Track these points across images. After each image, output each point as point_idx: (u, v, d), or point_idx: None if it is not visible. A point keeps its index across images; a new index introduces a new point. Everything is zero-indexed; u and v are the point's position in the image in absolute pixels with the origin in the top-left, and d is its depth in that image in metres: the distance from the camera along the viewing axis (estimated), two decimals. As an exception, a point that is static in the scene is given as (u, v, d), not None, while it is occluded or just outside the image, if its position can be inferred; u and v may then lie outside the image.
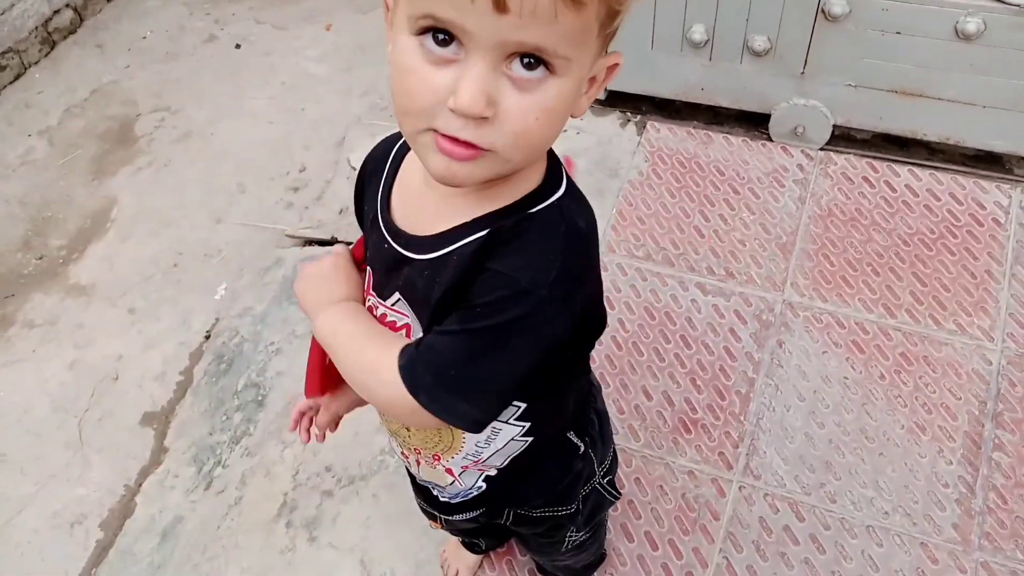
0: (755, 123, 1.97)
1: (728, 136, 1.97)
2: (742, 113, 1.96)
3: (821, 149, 1.92)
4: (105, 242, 2.30)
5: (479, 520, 1.01)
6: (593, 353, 1.62)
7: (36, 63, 2.96)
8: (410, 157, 0.76)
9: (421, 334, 0.74)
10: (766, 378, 1.58)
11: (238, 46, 2.79)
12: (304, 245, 2.13)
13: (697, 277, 1.72)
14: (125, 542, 1.64)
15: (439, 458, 0.87)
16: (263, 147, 2.39)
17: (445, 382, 0.67)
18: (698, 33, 1.81)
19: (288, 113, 2.49)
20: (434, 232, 0.70)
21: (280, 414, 1.74)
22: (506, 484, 0.90)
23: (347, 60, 2.62)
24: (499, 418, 0.79)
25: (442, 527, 1.11)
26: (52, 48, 3.01)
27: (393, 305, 0.77)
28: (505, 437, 0.83)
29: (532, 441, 0.84)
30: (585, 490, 0.99)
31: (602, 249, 1.79)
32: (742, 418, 1.54)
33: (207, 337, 1.98)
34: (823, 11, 1.71)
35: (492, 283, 0.65)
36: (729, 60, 1.84)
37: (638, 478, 1.48)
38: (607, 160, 1.96)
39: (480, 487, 0.91)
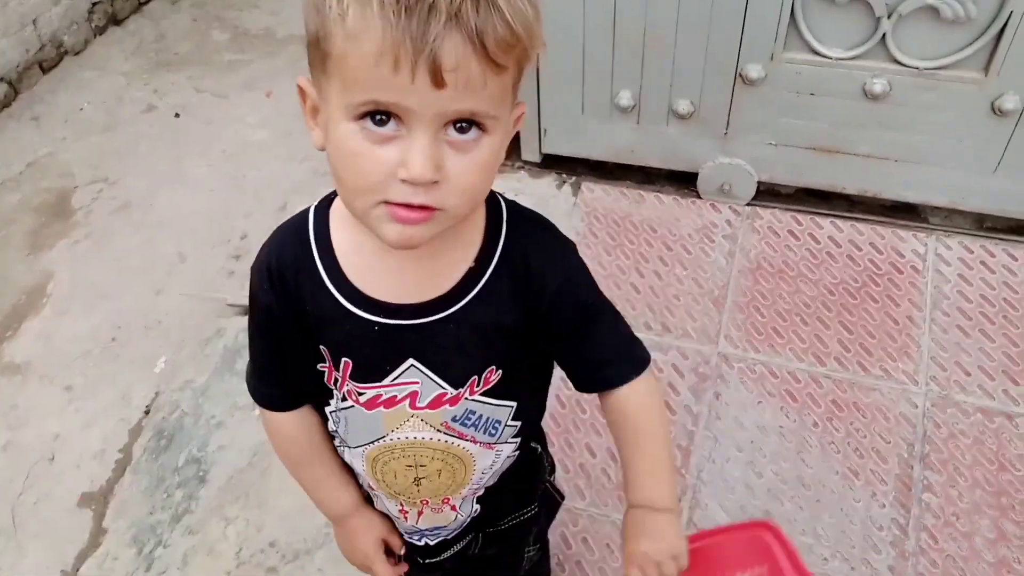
0: (684, 181, 2.05)
1: (659, 195, 2.04)
2: (672, 172, 2.04)
3: (748, 204, 2.00)
4: (41, 318, 2.26)
5: (447, 564, 1.04)
6: (537, 413, 1.65)
7: (-31, 137, 2.92)
8: (343, 238, 0.78)
9: (436, 392, 0.81)
10: (705, 430, 1.62)
11: (177, 115, 2.80)
12: (246, 314, 2.12)
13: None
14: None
15: (448, 500, 0.92)
16: (203, 216, 2.39)
17: (630, 351, 0.86)
18: (625, 99, 1.89)
19: (229, 180, 2.50)
20: (441, 290, 0.77)
21: (222, 489, 1.71)
22: (493, 499, 0.96)
23: (287, 126, 2.65)
24: (501, 439, 0.88)
25: None
26: (-14, 121, 2.98)
27: (396, 379, 0.80)
28: (504, 454, 0.91)
29: (519, 450, 0.93)
30: (540, 488, 1.06)
31: (542, 309, 1.82)
32: (683, 471, 1.56)
33: (147, 412, 1.95)
34: (741, 75, 1.80)
35: (558, 279, 0.80)
36: (656, 123, 1.92)
37: (585, 537, 1.49)
38: (544, 221, 2.01)
39: (476, 510, 0.96)
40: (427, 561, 1.02)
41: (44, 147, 2.87)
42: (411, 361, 0.79)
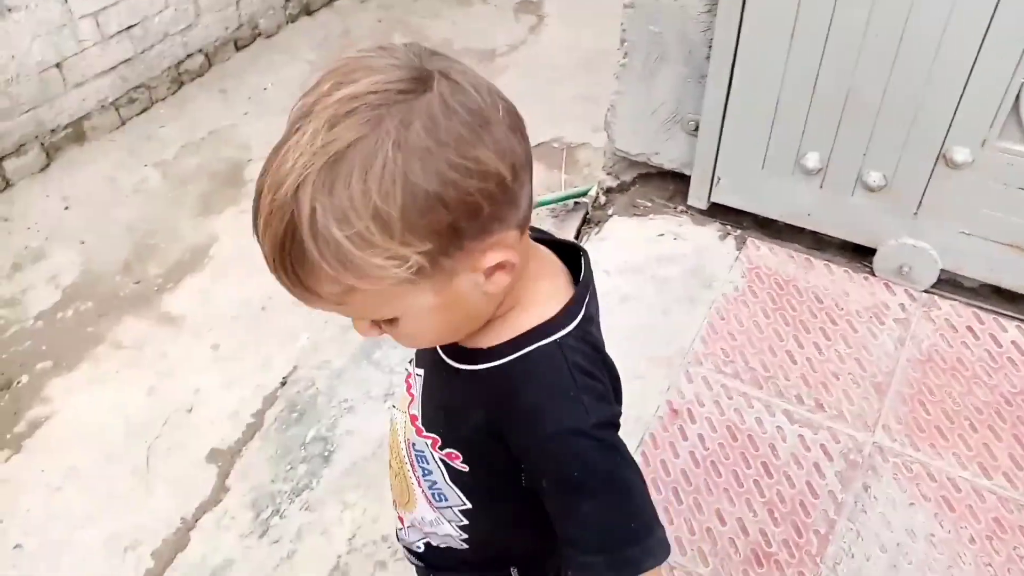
0: (859, 254, 1.95)
1: (830, 264, 1.95)
2: (846, 243, 1.95)
3: (925, 291, 1.88)
4: (201, 276, 2.38)
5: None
6: (670, 466, 1.59)
7: (163, 100, 3.15)
8: None
9: (415, 411, 0.83)
10: (848, 522, 1.51)
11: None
12: (389, 308, 2.15)
13: (785, 404, 1.68)
14: (173, 577, 1.64)
15: (396, 504, 0.94)
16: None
17: (612, 547, 0.71)
18: (812, 160, 1.82)
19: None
20: (468, 342, 0.75)
21: (345, 473, 1.73)
22: (439, 560, 0.92)
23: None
24: (444, 516, 0.85)
25: None
26: (179, 88, 3.20)
27: (413, 374, 0.85)
28: (445, 530, 0.87)
29: (469, 549, 0.88)
30: None
31: (688, 360, 1.77)
32: (818, 560, 1.46)
33: (283, 384, 2.01)
34: (945, 157, 1.70)
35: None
36: (841, 191, 1.84)
37: (704, 606, 1.42)
38: (702, 271, 1.95)
39: (419, 547, 0.93)
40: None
41: (227, 119, 3.06)
42: (422, 371, 0.83)
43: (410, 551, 0.96)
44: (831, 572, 1.45)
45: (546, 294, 0.74)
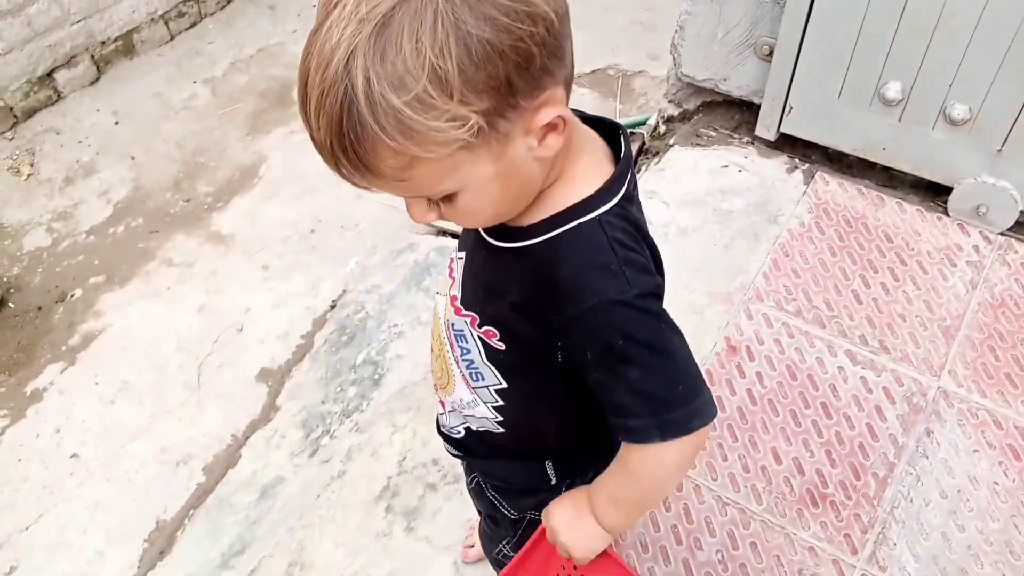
0: (933, 193, 1.85)
1: (902, 202, 1.86)
2: (920, 180, 1.85)
3: (1001, 234, 1.78)
4: (250, 197, 2.36)
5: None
6: (726, 403, 1.56)
7: (212, 15, 3.09)
8: None
9: (455, 292, 0.84)
10: (908, 466, 1.47)
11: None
12: (438, 235, 2.12)
13: (848, 344, 1.62)
14: (225, 491, 1.66)
15: (438, 389, 0.94)
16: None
17: (660, 410, 0.72)
18: (893, 90, 1.71)
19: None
20: (516, 221, 0.75)
21: (395, 396, 1.73)
22: (477, 446, 0.94)
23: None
24: (480, 397, 0.86)
25: None
26: (229, 3, 3.13)
27: (457, 259, 0.86)
28: (481, 412, 0.88)
29: (505, 434, 0.89)
30: (534, 515, 0.99)
31: (748, 296, 1.71)
32: (876, 503, 1.43)
33: (332, 306, 2.00)
34: (1038, 89, 1.59)
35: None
36: (921, 123, 1.74)
37: (754, 543, 1.40)
38: (768, 204, 1.88)
39: (459, 432, 0.94)
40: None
41: (276, 36, 2.99)
42: (464, 254, 0.84)
43: (451, 440, 0.98)
44: (888, 515, 1.42)
45: (587, 171, 0.73)
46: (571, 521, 0.86)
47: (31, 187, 2.40)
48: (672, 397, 0.73)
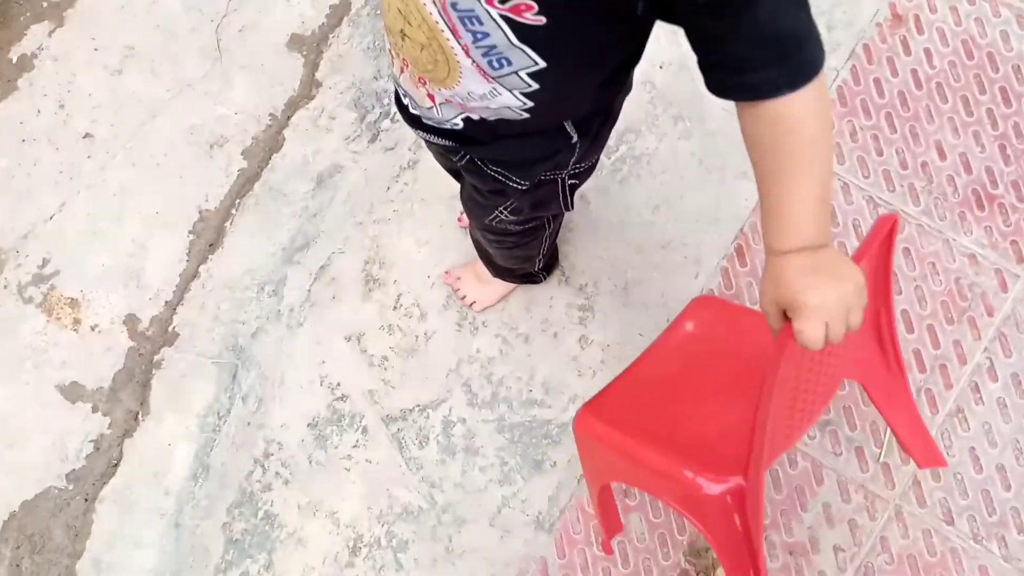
0: None
1: None
2: None
3: None
4: None
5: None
6: (885, 87, 1.28)
7: None
8: None
9: None
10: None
11: None
12: None
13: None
14: (273, 179, 1.44)
15: (424, 82, 0.80)
16: None
17: (787, 57, 0.62)
18: None
19: None
20: None
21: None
22: (481, 133, 0.83)
23: None
24: (504, 85, 0.73)
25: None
26: None
27: None
28: (503, 101, 0.75)
29: (529, 118, 0.78)
30: (546, 176, 0.89)
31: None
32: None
33: (372, -43, 1.61)
34: None
35: None
36: None
37: (908, 248, 1.22)
38: None
39: (456, 124, 0.83)
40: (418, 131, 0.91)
41: None
42: None
43: (437, 131, 0.86)
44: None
45: None
46: (825, 277, 0.66)
47: None
48: (801, 32, 0.62)
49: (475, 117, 0.80)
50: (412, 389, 1.29)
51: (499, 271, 1.21)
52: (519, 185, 0.89)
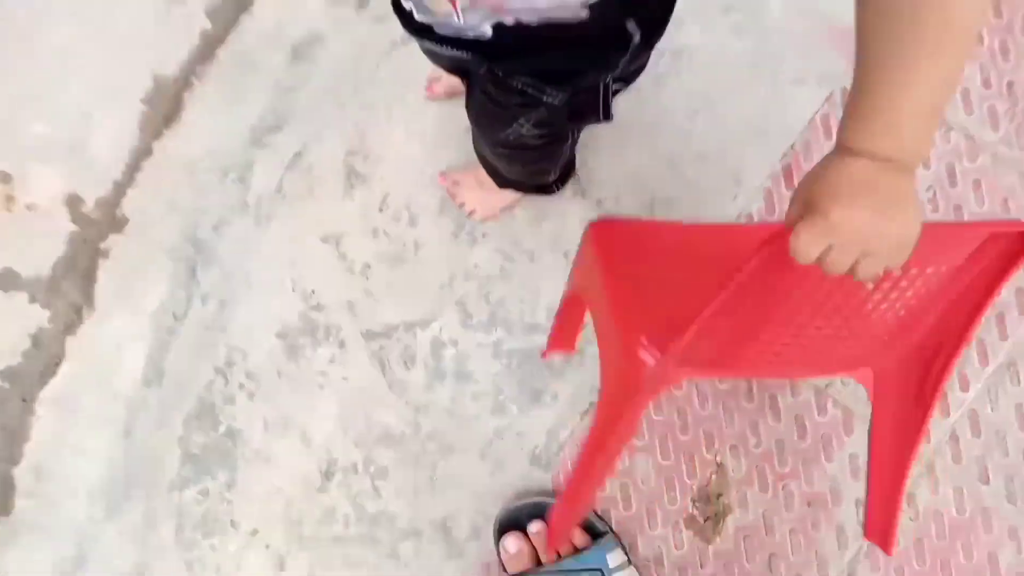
0: None
1: None
2: None
3: None
4: None
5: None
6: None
7: None
8: None
9: None
10: None
11: None
12: None
13: None
14: (242, 44, 1.23)
15: None
16: None
17: None
18: None
19: None
20: None
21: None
22: (517, 43, 0.66)
23: None
24: None
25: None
26: None
27: None
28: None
29: (589, 19, 0.62)
30: (586, 84, 0.73)
31: None
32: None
33: None
34: None
35: None
36: None
37: (978, 180, 1.07)
38: None
39: (483, 33, 0.66)
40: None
41: None
42: None
43: (451, 42, 0.68)
44: None
45: None
46: (872, 203, 0.52)
47: None
48: None
49: (509, 22, 0.63)
50: (398, 303, 1.13)
51: (506, 182, 1.04)
52: (552, 99, 0.73)
